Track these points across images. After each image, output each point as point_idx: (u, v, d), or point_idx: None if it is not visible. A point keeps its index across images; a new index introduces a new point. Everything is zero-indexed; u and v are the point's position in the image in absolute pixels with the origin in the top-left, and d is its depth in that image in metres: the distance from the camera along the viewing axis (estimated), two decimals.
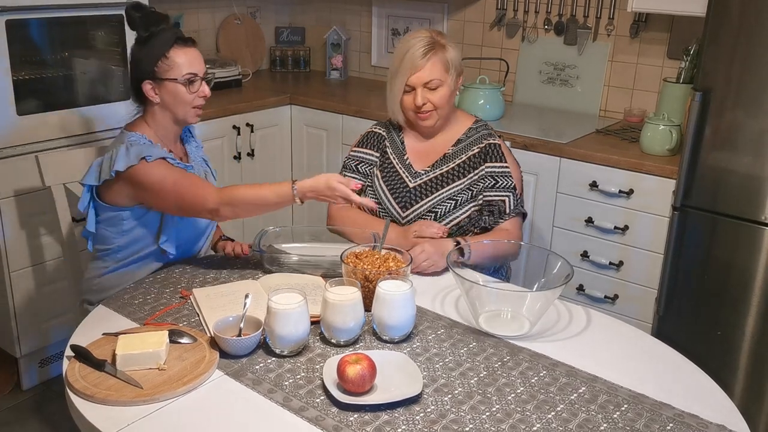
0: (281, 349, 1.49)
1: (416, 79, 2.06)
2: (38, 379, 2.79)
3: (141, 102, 1.96)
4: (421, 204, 2.11)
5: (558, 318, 1.72)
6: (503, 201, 2.07)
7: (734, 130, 2.19)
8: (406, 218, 2.12)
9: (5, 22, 2.37)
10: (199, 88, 1.93)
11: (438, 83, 2.06)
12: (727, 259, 2.27)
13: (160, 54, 1.88)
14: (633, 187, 2.54)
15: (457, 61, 2.10)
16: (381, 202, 2.15)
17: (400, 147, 2.20)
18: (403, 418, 1.31)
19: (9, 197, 2.51)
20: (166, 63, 1.88)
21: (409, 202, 2.12)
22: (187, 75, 1.90)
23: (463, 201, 2.09)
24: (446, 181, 2.11)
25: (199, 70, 1.93)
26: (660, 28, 2.96)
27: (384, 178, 2.17)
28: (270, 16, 4.08)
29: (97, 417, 1.30)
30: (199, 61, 1.94)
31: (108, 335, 1.53)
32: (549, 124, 3.03)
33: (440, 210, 2.09)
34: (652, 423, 1.32)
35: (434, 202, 2.10)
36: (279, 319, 1.46)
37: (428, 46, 2.06)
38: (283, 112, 3.44)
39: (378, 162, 2.20)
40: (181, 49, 1.90)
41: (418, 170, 2.15)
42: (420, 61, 2.05)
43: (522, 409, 1.35)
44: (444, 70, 2.07)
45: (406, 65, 2.07)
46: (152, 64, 1.88)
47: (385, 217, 2.11)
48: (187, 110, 1.94)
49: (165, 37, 1.89)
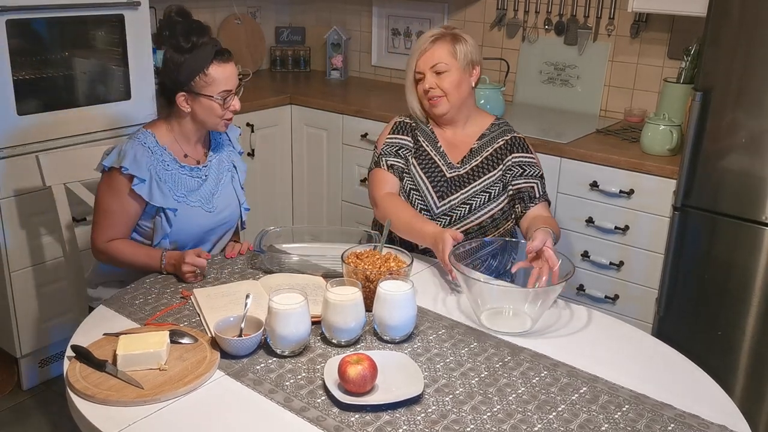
0: (282, 349, 1.49)
1: (422, 63, 2.10)
2: (38, 379, 2.79)
3: (170, 108, 1.97)
4: (457, 195, 2.13)
5: (559, 318, 1.72)
6: (532, 187, 2.09)
7: (735, 130, 2.19)
8: (440, 208, 2.13)
9: (6, 22, 2.37)
10: (231, 103, 1.94)
11: (444, 67, 2.07)
12: (728, 259, 2.27)
13: (200, 69, 1.87)
14: (633, 187, 2.54)
15: (470, 52, 2.11)
16: (419, 189, 2.15)
17: (432, 136, 2.20)
18: (405, 419, 1.31)
19: (9, 197, 2.51)
20: (204, 79, 1.88)
21: (447, 193, 2.14)
22: (223, 92, 1.91)
23: (496, 194, 2.12)
24: (478, 174, 2.13)
25: (234, 86, 1.94)
26: (660, 28, 2.96)
27: (421, 166, 2.17)
28: (270, 16, 4.08)
29: (97, 417, 1.30)
30: (234, 76, 1.94)
31: (109, 335, 1.53)
32: (549, 124, 3.02)
33: (474, 202, 2.12)
34: (653, 423, 1.32)
35: (469, 194, 2.12)
36: (280, 319, 1.46)
37: (438, 34, 2.11)
38: (283, 112, 3.44)
39: (413, 149, 2.20)
40: (220, 66, 1.90)
41: (453, 162, 2.17)
42: (426, 44, 2.10)
43: (523, 410, 1.35)
44: (450, 55, 2.08)
45: (415, 51, 2.12)
46: (190, 78, 1.88)
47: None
48: (217, 122, 1.96)
49: (206, 51, 1.88)
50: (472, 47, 2.12)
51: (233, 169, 2.12)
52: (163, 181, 1.93)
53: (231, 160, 2.12)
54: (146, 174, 1.90)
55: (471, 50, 2.12)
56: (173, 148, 1.97)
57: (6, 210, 2.51)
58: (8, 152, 2.47)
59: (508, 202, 2.13)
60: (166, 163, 1.94)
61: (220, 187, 2.05)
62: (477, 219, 2.12)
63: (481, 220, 2.12)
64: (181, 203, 1.95)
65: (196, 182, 2.00)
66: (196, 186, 2.00)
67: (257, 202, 3.40)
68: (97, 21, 2.71)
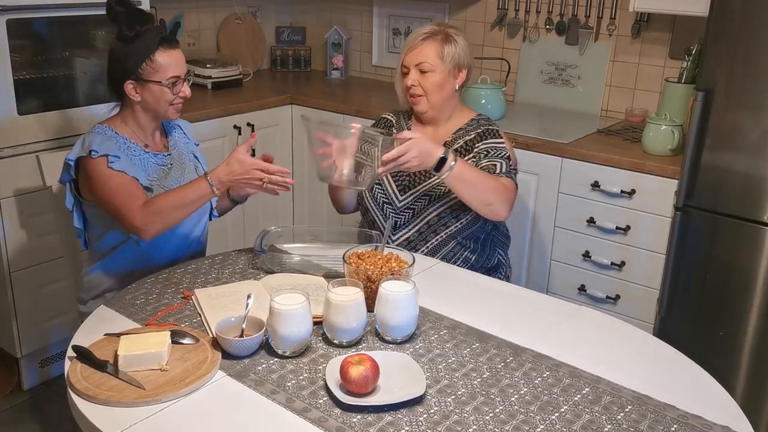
0: (284, 349, 1.48)
1: (409, 59, 2.11)
2: (39, 379, 2.79)
3: (120, 99, 1.98)
4: (418, 188, 2.14)
5: (560, 319, 1.72)
6: (494, 165, 2.07)
7: (736, 130, 2.19)
8: (402, 201, 2.15)
9: (6, 22, 2.37)
10: (180, 89, 1.94)
11: (429, 67, 2.08)
12: (729, 259, 2.26)
13: (146, 56, 1.88)
14: (635, 187, 2.54)
15: (458, 55, 2.11)
16: (381, 183, 2.18)
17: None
18: (407, 420, 1.30)
19: (9, 197, 2.51)
20: (151, 66, 1.89)
21: (408, 186, 2.15)
22: (172, 78, 1.91)
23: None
24: None
25: (182, 71, 1.94)
26: (662, 28, 2.96)
27: None
28: (271, 16, 4.08)
29: (99, 418, 1.30)
30: (182, 62, 1.95)
31: (110, 336, 1.53)
32: (550, 124, 3.02)
33: (435, 193, 2.12)
34: (656, 424, 1.32)
35: (430, 185, 2.12)
36: (281, 319, 1.45)
37: (430, 32, 2.11)
38: (283, 112, 3.44)
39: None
40: (166, 51, 1.90)
41: None
42: (416, 42, 2.10)
43: (525, 411, 1.34)
44: (437, 56, 2.09)
45: (406, 45, 2.14)
46: (137, 65, 1.89)
47: (389, 216, 2.11)
48: (167, 108, 1.96)
49: (150, 38, 1.89)
50: (462, 50, 2.12)
51: (195, 160, 2.14)
52: (134, 163, 1.93)
53: (191, 152, 2.14)
54: (119, 152, 1.90)
55: (460, 53, 2.11)
56: (133, 138, 1.98)
57: (6, 210, 2.51)
58: (8, 152, 2.47)
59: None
60: (131, 149, 1.95)
61: (185, 176, 2.06)
62: (436, 210, 2.11)
63: (440, 211, 2.11)
64: (155, 187, 1.96)
65: (162, 169, 2.01)
66: (163, 173, 2.01)
67: (258, 202, 3.39)
68: (97, 21, 2.70)
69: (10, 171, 2.48)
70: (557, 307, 1.80)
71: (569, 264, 2.76)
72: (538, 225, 2.80)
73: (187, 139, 2.16)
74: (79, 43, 2.78)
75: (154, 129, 2.03)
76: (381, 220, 2.17)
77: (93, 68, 2.81)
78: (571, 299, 2.72)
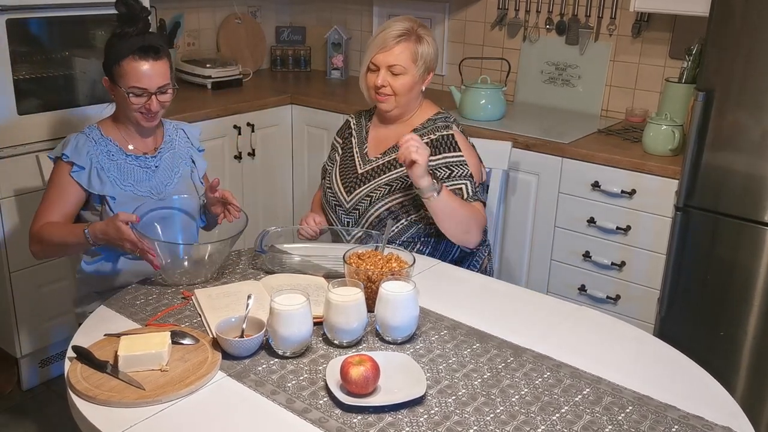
0: (284, 350, 1.48)
1: (381, 59, 2.07)
2: (38, 379, 2.79)
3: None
4: (362, 188, 2.13)
5: (561, 319, 1.72)
6: (459, 189, 2.05)
7: (737, 130, 2.19)
8: (350, 202, 2.15)
9: (6, 22, 2.37)
10: (145, 102, 1.92)
11: (401, 70, 2.06)
12: (730, 259, 2.26)
13: (118, 59, 1.90)
14: (635, 187, 2.54)
15: (429, 57, 2.10)
16: (331, 186, 2.20)
17: (363, 136, 2.24)
18: (407, 420, 1.30)
19: (9, 197, 2.51)
20: (118, 70, 1.91)
21: (354, 187, 2.15)
22: (132, 88, 1.90)
23: (398, 188, 2.09)
24: (389, 167, 2.12)
25: (150, 85, 1.90)
26: (662, 27, 2.96)
27: (341, 164, 2.23)
28: (270, 16, 4.07)
29: (99, 418, 1.30)
30: (151, 76, 1.90)
31: (110, 336, 1.52)
32: (550, 124, 3.02)
33: (375, 195, 2.11)
34: (657, 425, 1.32)
35: (372, 187, 2.12)
36: (282, 319, 1.45)
37: (404, 32, 2.07)
38: (283, 112, 3.44)
39: (339, 149, 2.27)
40: (136, 62, 1.89)
41: (370, 157, 2.18)
42: (390, 42, 2.06)
43: (526, 411, 1.34)
44: (411, 60, 2.06)
45: (377, 43, 2.08)
46: (111, 65, 1.92)
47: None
48: (133, 115, 1.96)
49: (129, 43, 1.89)
50: (433, 51, 2.11)
51: (192, 164, 2.13)
52: (105, 169, 1.95)
53: (189, 156, 2.14)
54: (86, 162, 1.94)
55: (432, 55, 2.11)
56: (117, 140, 2.00)
57: (6, 210, 2.51)
58: (8, 152, 2.47)
59: (412, 196, 2.06)
60: (111, 153, 1.98)
61: (174, 178, 2.06)
62: (375, 211, 2.10)
63: (378, 213, 2.10)
64: (127, 191, 1.97)
65: (145, 172, 2.01)
66: (145, 176, 2.01)
67: (258, 202, 3.40)
68: (97, 20, 2.71)
69: (10, 171, 2.48)
70: (557, 308, 1.80)
71: (569, 264, 2.76)
72: (538, 225, 2.80)
73: (190, 144, 2.15)
74: (78, 42, 2.78)
75: (138, 130, 2.03)
76: (334, 220, 2.19)
77: (92, 68, 2.80)
78: (571, 299, 2.72)
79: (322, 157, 3.42)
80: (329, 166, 2.28)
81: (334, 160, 2.27)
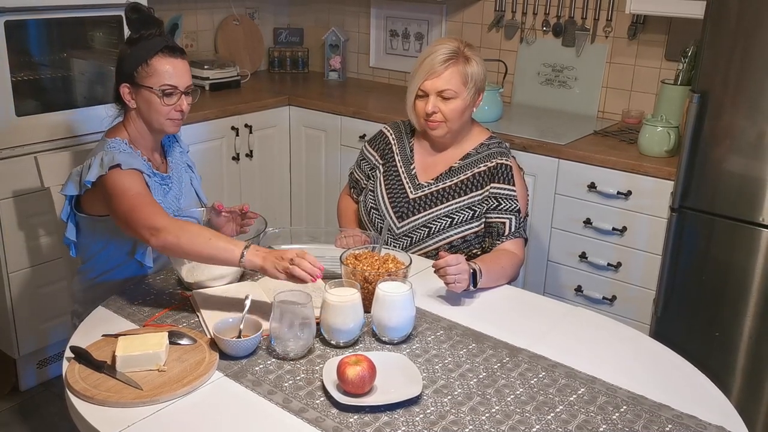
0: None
1: (430, 85, 1.99)
2: (36, 380, 2.79)
3: (121, 105, 1.92)
4: (417, 217, 2.07)
5: (556, 319, 1.73)
6: (503, 223, 2.00)
7: (732, 132, 2.20)
8: (400, 229, 2.09)
9: (4, 23, 2.37)
10: (176, 101, 1.86)
11: (452, 94, 1.98)
12: (725, 260, 2.27)
13: (143, 59, 1.83)
14: (631, 189, 2.55)
15: (479, 78, 2.02)
16: (378, 208, 2.12)
17: (408, 154, 2.15)
18: (403, 420, 1.31)
19: (8, 198, 2.51)
20: (146, 69, 1.83)
21: (406, 214, 2.08)
22: (165, 86, 1.83)
23: (460, 220, 2.04)
24: (447, 196, 2.06)
25: (180, 83, 1.86)
26: (658, 29, 2.97)
27: (387, 184, 2.14)
28: (268, 17, 4.08)
29: (96, 418, 1.31)
30: (181, 74, 1.86)
31: (108, 336, 1.53)
32: (547, 125, 3.03)
33: (434, 226, 2.05)
34: (651, 424, 1.33)
35: (430, 217, 2.06)
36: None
37: (451, 54, 1.98)
38: (281, 113, 3.44)
39: (380, 166, 2.18)
40: (166, 58, 1.84)
41: (421, 182, 2.10)
42: (438, 67, 1.97)
43: (521, 411, 1.35)
44: (461, 83, 1.98)
45: (425, 69, 2.00)
46: (133, 68, 1.84)
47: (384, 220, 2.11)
48: (161, 121, 1.87)
49: (153, 43, 1.84)
50: (482, 70, 2.03)
51: (189, 170, 2.10)
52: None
53: (185, 162, 2.10)
54: (142, 167, 1.83)
55: (481, 75, 2.02)
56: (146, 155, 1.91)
57: (4, 211, 2.51)
58: (7, 153, 2.47)
59: (474, 233, 2.04)
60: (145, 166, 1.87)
61: (183, 190, 2.03)
62: (435, 244, 2.05)
63: (439, 246, 2.05)
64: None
65: (164, 189, 1.96)
66: (163, 193, 1.95)
67: (255, 202, 3.40)
68: (95, 22, 2.71)
69: (9, 172, 2.48)
70: (553, 308, 1.81)
71: (566, 265, 2.77)
72: (534, 226, 2.81)
73: (181, 148, 2.12)
74: (77, 44, 2.79)
75: (154, 144, 1.96)
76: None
77: (91, 69, 2.81)
78: (567, 300, 2.73)
79: (319, 158, 3.43)
80: (368, 184, 2.18)
81: (374, 178, 2.18)
